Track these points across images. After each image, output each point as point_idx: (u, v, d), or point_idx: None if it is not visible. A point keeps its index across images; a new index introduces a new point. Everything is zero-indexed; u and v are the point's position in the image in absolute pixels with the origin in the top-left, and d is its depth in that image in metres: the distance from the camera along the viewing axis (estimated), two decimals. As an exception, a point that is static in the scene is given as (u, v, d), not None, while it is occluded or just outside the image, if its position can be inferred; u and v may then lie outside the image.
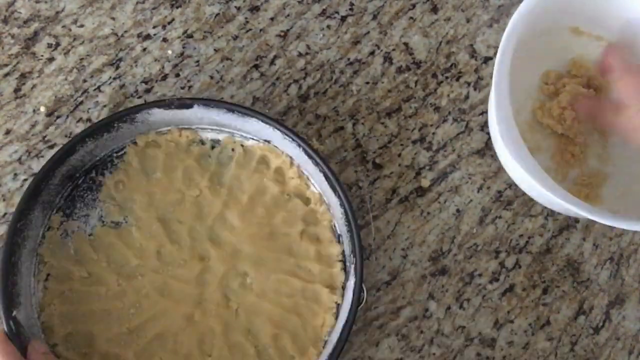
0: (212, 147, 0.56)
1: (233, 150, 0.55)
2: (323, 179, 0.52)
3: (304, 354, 0.51)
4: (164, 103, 0.52)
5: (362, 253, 0.51)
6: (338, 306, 0.53)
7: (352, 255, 0.52)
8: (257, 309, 0.52)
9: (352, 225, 0.51)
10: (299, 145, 0.52)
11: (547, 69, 0.59)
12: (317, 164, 0.52)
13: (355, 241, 0.51)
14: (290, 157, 0.55)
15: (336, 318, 0.52)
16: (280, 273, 0.53)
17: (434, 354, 0.56)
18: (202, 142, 0.55)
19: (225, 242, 0.53)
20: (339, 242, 0.54)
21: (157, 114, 0.53)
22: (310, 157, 0.52)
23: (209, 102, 0.52)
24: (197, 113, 0.53)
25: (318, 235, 0.54)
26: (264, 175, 0.55)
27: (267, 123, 0.52)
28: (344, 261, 0.54)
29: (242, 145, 0.55)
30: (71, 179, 0.53)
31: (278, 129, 0.52)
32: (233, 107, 0.52)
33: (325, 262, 0.54)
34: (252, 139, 0.55)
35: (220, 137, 0.56)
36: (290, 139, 0.52)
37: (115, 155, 0.54)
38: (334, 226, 0.54)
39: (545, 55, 0.58)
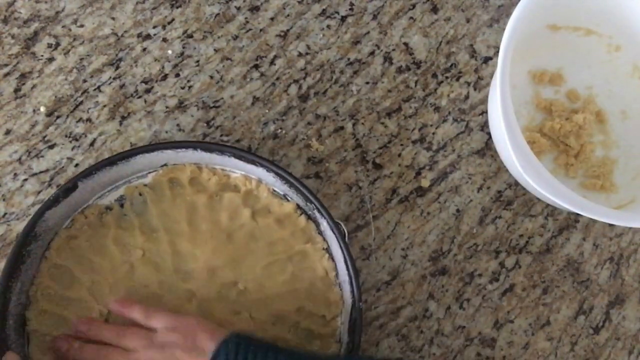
0: (121, 206, 0.54)
1: (140, 194, 0.54)
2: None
3: (328, 305, 0.52)
4: (50, 202, 0.50)
5: (309, 189, 0.51)
6: (327, 249, 0.54)
7: (307, 203, 0.52)
8: (266, 303, 0.52)
9: (286, 176, 0.51)
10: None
11: (530, 69, 0.60)
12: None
13: (296, 185, 0.51)
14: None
15: (333, 260, 0.53)
16: (260, 260, 0.53)
17: (434, 354, 0.56)
18: (109, 208, 0.54)
19: (197, 272, 0.53)
20: (287, 200, 0.54)
21: (50, 216, 0.51)
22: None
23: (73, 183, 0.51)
24: (83, 190, 0.52)
25: (267, 207, 0.54)
26: (185, 194, 0.54)
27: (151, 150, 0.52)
28: (304, 212, 0.54)
29: (144, 185, 0.54)
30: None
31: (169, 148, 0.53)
32: (96, 168, 0.52)
33: (289, 223, 0.54)
34: (151, 171, 0.54)
35: (119, 192, 0.54)
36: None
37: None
38: (274, 191, 0.55)
39: (528, 54, 0.59)
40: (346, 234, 0.52)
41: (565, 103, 0.60)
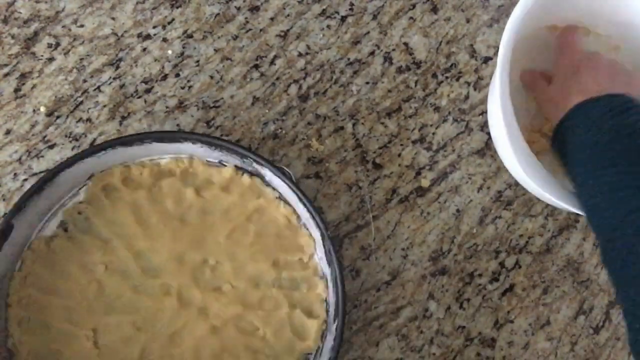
0: (65, 230, 0.53)
1: (80, 213, 0.53)
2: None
3: (301, 248, 0.54)
4: None
5: (239, 145, 0.51)
6: (280, 196, 0.54)
7: (243, 160, 0.53)
8: (242, 269, 0.54)
9: (213, 141, 0.52)
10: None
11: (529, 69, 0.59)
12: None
13: (226, 146, 0.51)
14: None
15: (289, 205, 0.54)
16: (221, 231, 0.54)
17: (434, 354, 0.56)
18: (54, 237, 0.53)
19: (165, 264, 0.53)
20: (224, 165, 0.55)
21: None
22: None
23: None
24: (20, 228, 0.51)
25: (207, 179, 0.55)
26: (123, 197, 0.54)
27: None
28: (245, 170, 0.54)
29: (80, 202, 0.53)
30: None
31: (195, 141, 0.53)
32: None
33: (235, 187, 0.55)
34: (81, 187, 0.54)
35: (58, 217, 0.53)
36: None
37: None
38: (208, 161, 0.55)
39: (527, 55, 0.59)
40: (292, 176, 0.52)
41: None
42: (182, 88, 0.59)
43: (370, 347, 0.55)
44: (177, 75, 0.59)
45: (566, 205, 0.47)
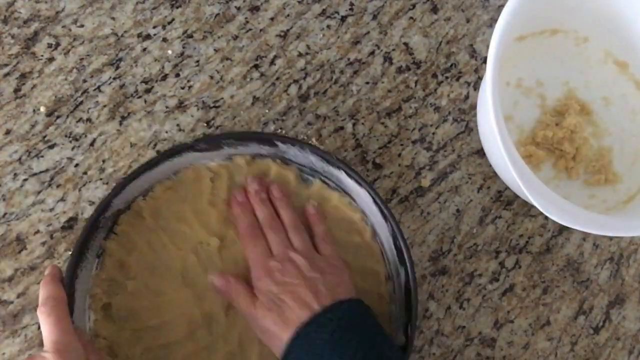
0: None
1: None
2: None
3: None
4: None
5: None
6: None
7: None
8: None
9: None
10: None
11: (507, 80, 0.60)
12: None
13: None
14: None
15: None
16: None
17: (433, 353, 0.56)
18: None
19: None
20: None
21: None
22: None
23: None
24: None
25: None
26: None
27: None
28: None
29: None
30: None
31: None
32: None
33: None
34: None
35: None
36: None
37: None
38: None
39: (503, 68, 0.59)
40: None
41: (549, 105, 0.60)
42: (182, 88, 0.59)
43: (370, 347, 0.55)
44: (177, 75, 0.59)
45: (579, 227, 0.47)
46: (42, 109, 0.57)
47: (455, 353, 0.56)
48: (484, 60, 0.62)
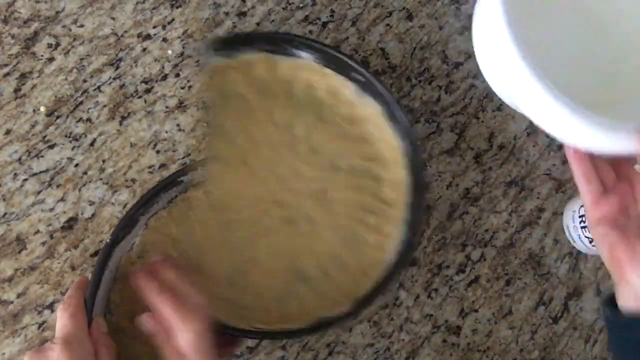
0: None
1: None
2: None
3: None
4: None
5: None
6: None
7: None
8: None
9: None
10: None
11: None
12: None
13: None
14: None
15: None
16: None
17: (403, 339, 0.58)
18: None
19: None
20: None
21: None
22: None
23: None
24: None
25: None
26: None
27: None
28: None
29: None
30: None
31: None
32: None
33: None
34: None
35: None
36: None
37: None
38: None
39: None
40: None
41: None
42: (182, 88, 0.59)
43: (344, 332, 0.58)
44: (177, 75, 0.60)
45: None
46: (42, 109, 0.57)
47: (423, 339, 0.59)
48: (455, 66, 0.65)
